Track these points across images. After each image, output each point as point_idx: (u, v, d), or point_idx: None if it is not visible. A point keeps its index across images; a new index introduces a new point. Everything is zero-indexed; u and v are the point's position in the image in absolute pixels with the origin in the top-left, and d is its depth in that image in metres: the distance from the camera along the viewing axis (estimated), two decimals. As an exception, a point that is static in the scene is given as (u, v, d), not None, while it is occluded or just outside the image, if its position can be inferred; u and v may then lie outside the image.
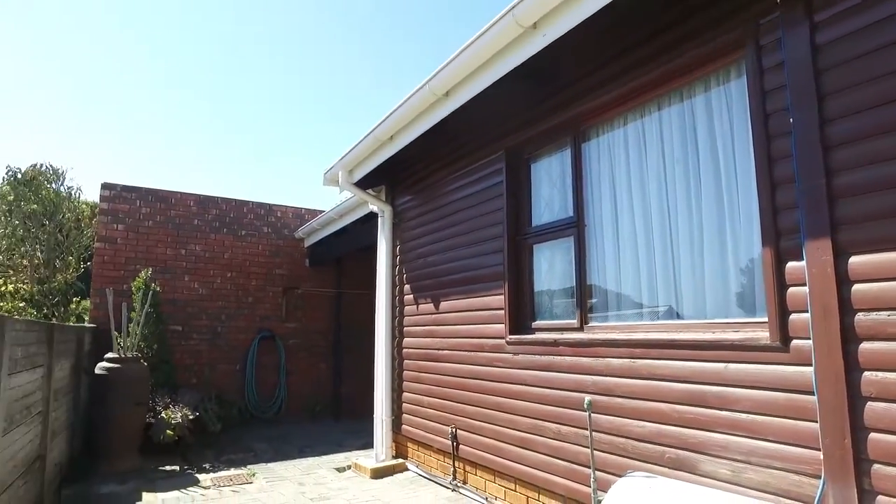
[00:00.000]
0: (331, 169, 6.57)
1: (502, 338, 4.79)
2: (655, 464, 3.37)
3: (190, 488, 5.61)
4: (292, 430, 8.85)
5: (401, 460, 6.23)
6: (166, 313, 8.81)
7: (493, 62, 4.07)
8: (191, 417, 6.87)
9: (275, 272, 10.15)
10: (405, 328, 6.43)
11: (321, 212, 9.70)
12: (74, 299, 10.67)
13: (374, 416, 6.44)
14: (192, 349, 9.20)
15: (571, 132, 4.43)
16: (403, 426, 6.29)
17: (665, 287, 3.67)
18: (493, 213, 5.09)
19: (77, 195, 12.33)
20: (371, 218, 7.88)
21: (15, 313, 9.96)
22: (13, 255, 11.52)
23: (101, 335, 7.41)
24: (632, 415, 3.55)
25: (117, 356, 6.51)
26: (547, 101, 4.50)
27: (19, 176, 12.03)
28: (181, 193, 9.48)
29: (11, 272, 11.38)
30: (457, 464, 5.32)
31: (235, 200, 9.96)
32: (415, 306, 6.26)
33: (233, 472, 6.25)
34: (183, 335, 9.13)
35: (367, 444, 6.68)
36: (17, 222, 11.68)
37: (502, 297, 4.83)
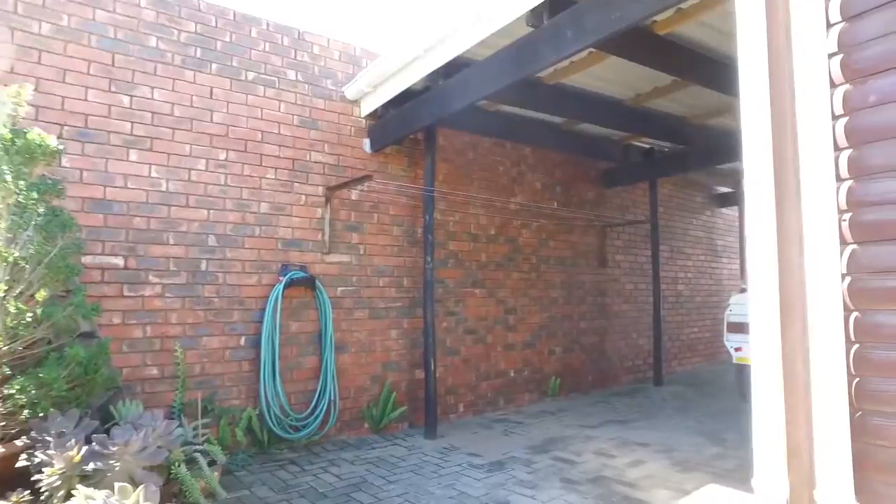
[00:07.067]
0: None
1: None
2: None
3: None
4: (363, 473, 4.24)
5: None
6: (87, 228, 4.01)
7: None
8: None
9: (309, 158, 5.29)
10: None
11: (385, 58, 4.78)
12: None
13: (755, 487, 1.92)
14: (149, 307, 4.39)
15: None
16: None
17: None
18: None
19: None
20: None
21: None
22: None
23: None
24: None
25: None
26: None
27: None
28: (119, -23, 4.47)
29: None
30: None
31: (235, 12, 4.99)
32: None
33: None
34: (126, 276, 4.30)
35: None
36: None
37: None
